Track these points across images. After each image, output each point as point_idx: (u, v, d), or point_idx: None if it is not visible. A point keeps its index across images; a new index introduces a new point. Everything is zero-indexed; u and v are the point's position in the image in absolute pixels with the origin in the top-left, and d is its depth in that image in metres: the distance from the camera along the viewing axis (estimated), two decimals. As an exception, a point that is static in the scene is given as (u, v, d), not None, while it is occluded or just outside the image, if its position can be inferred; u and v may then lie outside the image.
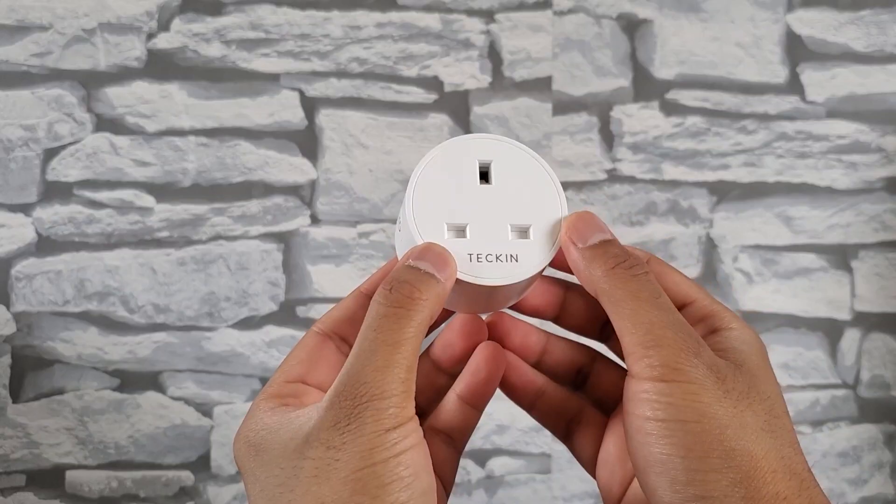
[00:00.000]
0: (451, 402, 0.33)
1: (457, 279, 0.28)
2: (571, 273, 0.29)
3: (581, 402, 0.34)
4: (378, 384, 0.25)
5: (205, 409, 0.60)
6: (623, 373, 0.32)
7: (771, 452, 0.25)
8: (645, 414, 0.25)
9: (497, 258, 0.28)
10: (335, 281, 0.61)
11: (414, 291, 0.26)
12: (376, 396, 0.25)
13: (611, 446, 0.32)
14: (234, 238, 0.61)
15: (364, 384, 0.25)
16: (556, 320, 0.33)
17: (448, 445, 0.33)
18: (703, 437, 0.24)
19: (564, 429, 0.34)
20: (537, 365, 0.34)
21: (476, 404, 0.33)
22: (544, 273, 0.31)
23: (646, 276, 0.27)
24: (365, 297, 0.31)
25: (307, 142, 0.61)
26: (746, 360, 0.27)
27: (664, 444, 0.25)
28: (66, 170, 0.60)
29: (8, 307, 0.59)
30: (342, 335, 0.31)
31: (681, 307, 0.29)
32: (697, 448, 0.24)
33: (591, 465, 0.33)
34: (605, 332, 0.33)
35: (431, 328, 0.29)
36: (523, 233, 0.29)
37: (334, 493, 0.24)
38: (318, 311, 0.61)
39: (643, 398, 0.25)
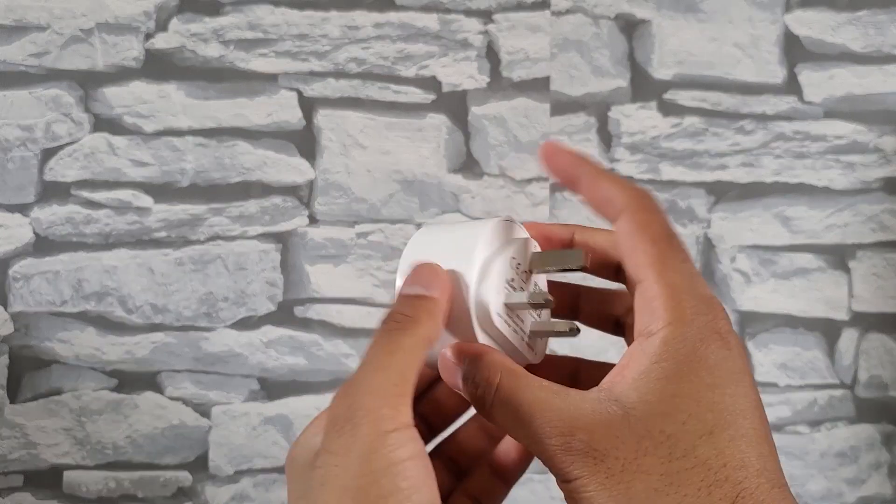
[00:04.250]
0: (483, 474, 0.33)
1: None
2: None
3: (627, 302, 0.32)
4: (370, 385, 0.25)
5: (203, 410, 0.60)
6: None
7: None
8: None
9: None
10: (333, 281, 0.61)
11: (404, 315, 0.27)
12: (369, 397, 0.25)
13: None
14: (233, 238, 0.61)
15: (358, 386, 0.25)
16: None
17: None
18: None
19: (614, 329, 0.32)
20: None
21: (507, 479, 0.33)
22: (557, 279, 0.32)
23: (497, 399, 0.26)
24: None
25: (305, 142, 0.61)
26: (652, 387, 0.25)
27: None
28: (63, 170, 0.60)
29: (6, 307, 0.59)
30: None
31: (631, 290, 0.28)
32: None
33: None
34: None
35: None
36: None
37: (337, 502, 0.24)
38: (316, 312, 0.61)
39: (568, 495, 0.25)
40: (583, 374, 0.33)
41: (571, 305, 0.33)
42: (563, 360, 0.33)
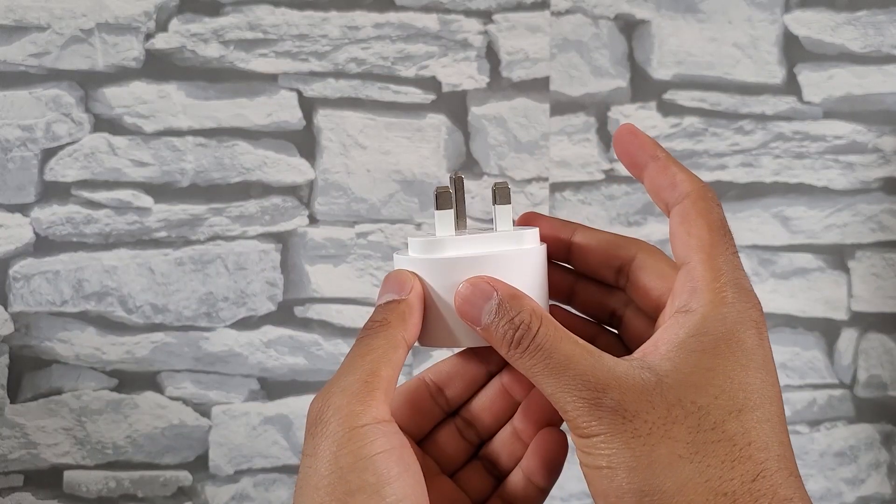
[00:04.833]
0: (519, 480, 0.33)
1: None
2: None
3: (625, 297, 0.32)
4: (340, 386, 0.26)
5: (203, 409, 0.60)
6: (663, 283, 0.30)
7: (689, 482, 0.24)
8: (587, 462, 0.26)
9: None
10: (333, 281, 0.61)
11: (374, 321, 0.28)
12: (338, 396, 0.26)
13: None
14: (232, 238, 0.61)
15: (329, 389, 0.26)
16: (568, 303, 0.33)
17: None
18: (612, 483, 0.25)
19: (608, 320, 0.33)
20: (569, 258, 0.33)
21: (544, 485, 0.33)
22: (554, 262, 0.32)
23: (533, 344, 0.26)
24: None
25: (305, 142, 0.61)
26: (687, 358, 0.26)
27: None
28: (63, 170, 0.60)
29: (6, 307, 0.59)
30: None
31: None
32: (612, 494, 0.25)
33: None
34: (614, 318, 0.33)
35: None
36: None
37: (311, 502, 0.25)
38: (316, 311, 0.61)
39: (583, 449, 0.26)
40: (599, 343, 0.33)
41: (567, 292, 0.33)
42: (583, 325, 0.33)
